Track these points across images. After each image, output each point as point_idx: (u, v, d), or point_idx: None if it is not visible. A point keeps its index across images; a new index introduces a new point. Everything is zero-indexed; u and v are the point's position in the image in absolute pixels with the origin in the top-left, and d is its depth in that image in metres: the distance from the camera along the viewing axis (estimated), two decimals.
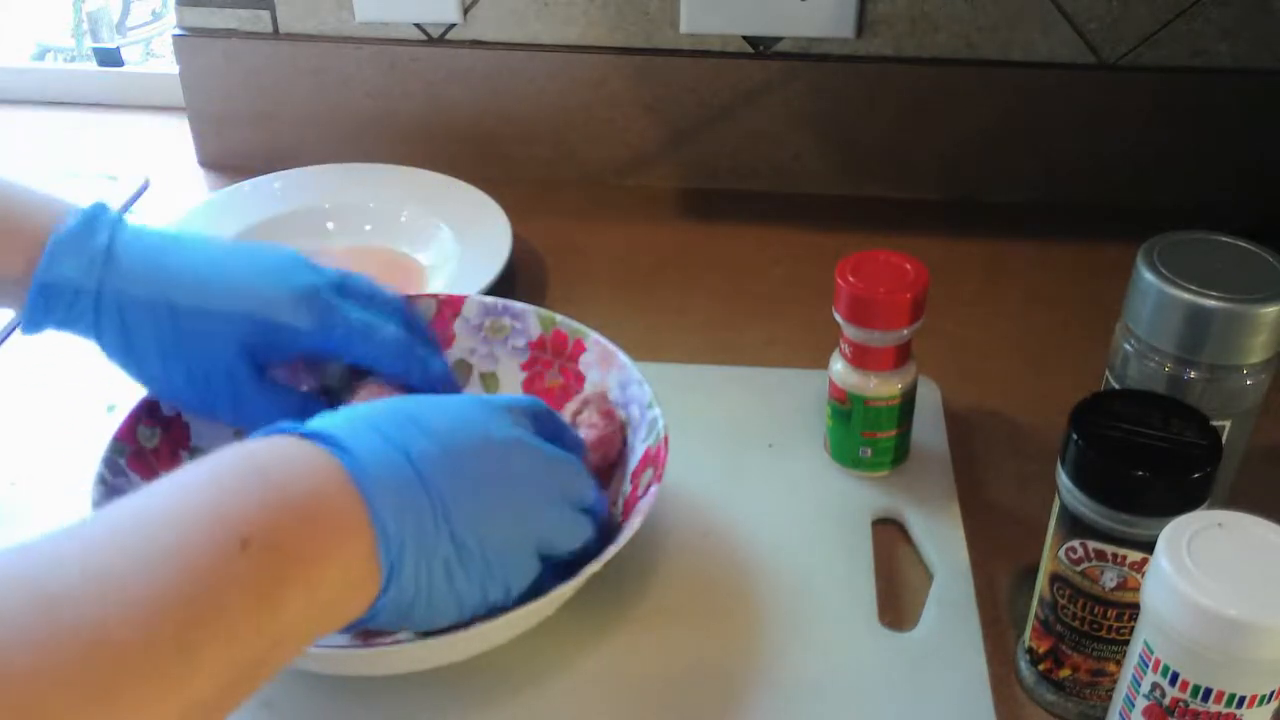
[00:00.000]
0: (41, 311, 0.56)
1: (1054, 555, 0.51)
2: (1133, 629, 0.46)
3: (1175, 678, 0.43)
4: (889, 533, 0.64)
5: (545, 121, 0.96)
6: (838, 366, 0.64)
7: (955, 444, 0.69)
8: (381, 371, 0.61)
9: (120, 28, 1.34)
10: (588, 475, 0.53)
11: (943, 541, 0.62)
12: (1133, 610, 0.48)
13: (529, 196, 0.92)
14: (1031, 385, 0.74)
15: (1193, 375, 0.54)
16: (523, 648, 0.54)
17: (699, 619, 0.58)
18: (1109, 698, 0.51)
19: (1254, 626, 0.40)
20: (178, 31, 0.97)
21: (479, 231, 0.85)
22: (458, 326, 0.68)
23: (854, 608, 0.58)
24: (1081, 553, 0.49)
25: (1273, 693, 0.42)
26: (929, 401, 0.71)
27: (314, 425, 0.45)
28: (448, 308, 0.68)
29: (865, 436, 0.64)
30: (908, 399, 0.64)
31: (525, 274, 0.86)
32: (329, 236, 0.89)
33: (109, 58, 1.11)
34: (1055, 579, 0.51)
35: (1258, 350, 0.53)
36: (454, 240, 0.86)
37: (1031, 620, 0.54)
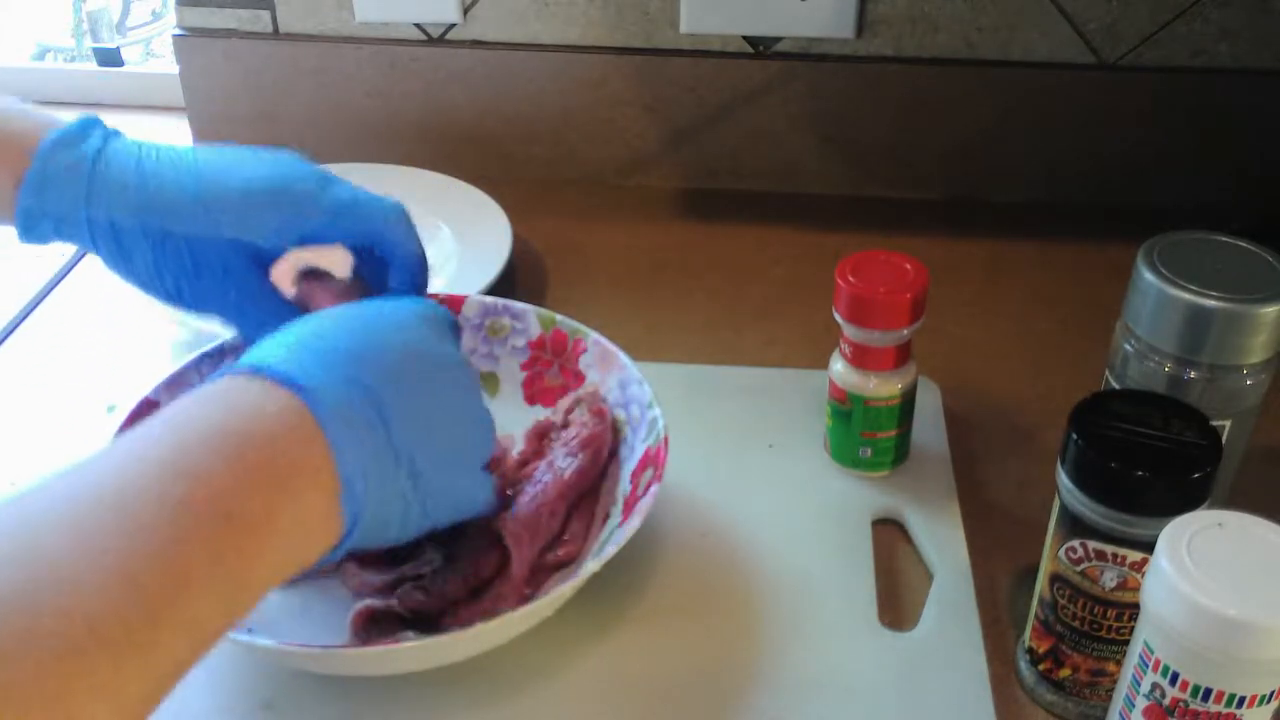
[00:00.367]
0: (37, 207, 0.56)
1: (1054, 555, 0.51)
2: (1133, 629, 0.46)
3: (1175, 678, 0.43)
4: (889, 533, 0.64)
5: (545, 121, 0.96)
6: (838, 366, 0.64)
7: (955, 444, 0.69)
8: (378, 248, 0.59)
9: (120, 28, 1.34)
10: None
11: (943, 541, 0.62)
12: (1133, 610, 0.48)
13: (529, 196, 0.92)
14: (1031, 385, 0.74)
15: (1193, 375, 0.54)
16: (523, 648, 0.54)
17: (698, 619, 0.58)
18: (1109, 698, 0.51)
19: (1254, 626, 0.40)
20: (178, 31, 0.97)
21: (479, 231, 0.85)
22: None
23: (854, 608, 0.58)
24: (1081, 553, 0.49)
25: (1273, 693, 0.42)
26: (929, 401, 0.71)
27: (273, 363, 0.44)
28: (448, 307, 0.68)
29: (865, 436, 0.65)
30: (908, 399, 0.64)
31: (525, 274, 0.86)
32: None
33: (109, 58, 1.11)
34: (1055, 579, 0.51)
35: (1258, 350, 0.53)
36: (454, 240, 0.86)
37: (1031, 620, 0.54)
